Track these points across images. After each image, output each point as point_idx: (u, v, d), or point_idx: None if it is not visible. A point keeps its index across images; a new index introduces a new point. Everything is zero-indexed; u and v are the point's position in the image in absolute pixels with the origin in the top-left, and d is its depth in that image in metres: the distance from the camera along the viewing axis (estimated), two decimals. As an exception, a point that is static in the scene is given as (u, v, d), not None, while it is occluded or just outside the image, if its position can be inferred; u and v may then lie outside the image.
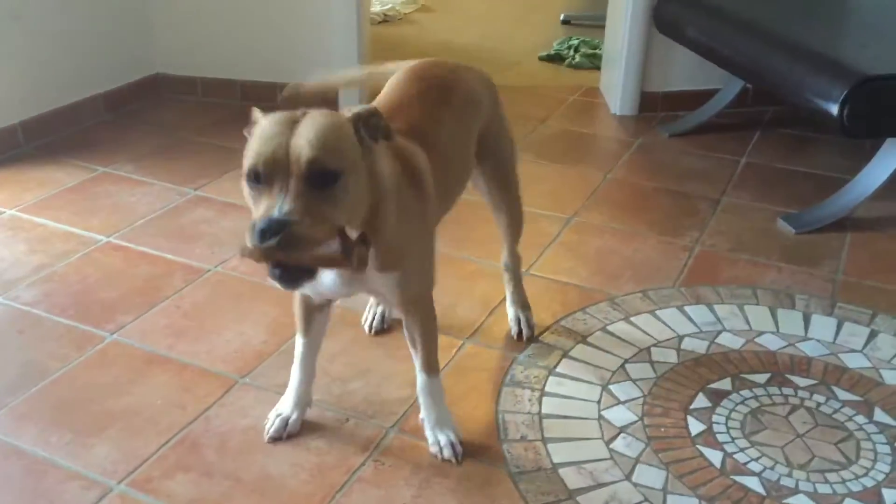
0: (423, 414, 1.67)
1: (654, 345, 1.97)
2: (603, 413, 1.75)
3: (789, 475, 1.59)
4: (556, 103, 3.53)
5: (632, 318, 2.07)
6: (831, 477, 1.59)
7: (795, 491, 1.55)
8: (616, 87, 3.37)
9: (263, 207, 1.16)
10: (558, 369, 1.89)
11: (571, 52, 4.08)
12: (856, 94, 2.16)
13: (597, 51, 3.98)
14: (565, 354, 1.94)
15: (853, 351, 1.95)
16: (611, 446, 1.66)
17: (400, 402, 1.77)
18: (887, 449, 1.66)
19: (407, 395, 1.78)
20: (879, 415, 1.75)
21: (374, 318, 2.01)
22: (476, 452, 1.64)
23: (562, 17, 4.71)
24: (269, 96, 3.34)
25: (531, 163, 2.95)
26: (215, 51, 3.39)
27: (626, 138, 3.18)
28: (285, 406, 1.70)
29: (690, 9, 2.92)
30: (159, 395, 1.78)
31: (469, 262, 2.31)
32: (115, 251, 2.33)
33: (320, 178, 1.17)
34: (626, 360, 1.91)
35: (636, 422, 1.73)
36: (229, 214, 2.50)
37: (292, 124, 1.21)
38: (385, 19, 4.70)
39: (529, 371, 1.88)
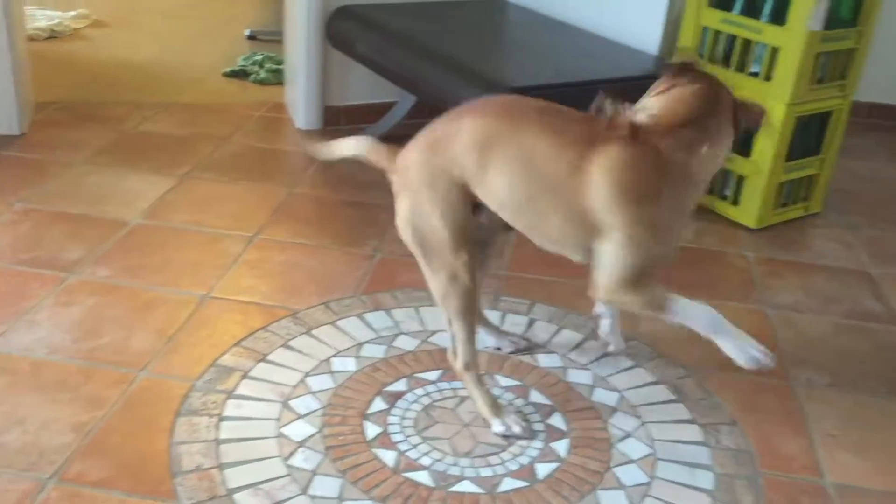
0: None
1: (334, 355, 2.01)
2: (282, 430, 1.75)
3: (455, 464, 1.69)
4: (242, 119, 3.48)
5: (313, 332, 2.09)
6: (492, 460, 1.72)
7: (461, 478, 1.66)
8: (299, 102, 3.40)
9: None
10: (238, 391, 1.86)
11: (256, 68, 4.06)
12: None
13: (281, 66, 3.98)
14: (245, 375, 1.91)
15: (514, 340, 2.13)
16: (288, 462, 1.66)
17: (61, 448, 1.64)
18: (541, 426, 1.82)
19: (69, 441, 1.66)
20: (535, 395, 1.92)
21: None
22: (146, 492, 1.56)
23: (247, 32, 4.67)
24: None
25: (213, 182, 2.88)
26: None
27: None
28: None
29: (358, 25, 3.02)
30: None
31: (142, 291, 2.21)
32: None
33: None
34: (307, 374, 1.93)
35: (315, 434, 1.75)
36: None
37: None
38: (52, 35, 4.35)
39: (207, 397, 1.83)
